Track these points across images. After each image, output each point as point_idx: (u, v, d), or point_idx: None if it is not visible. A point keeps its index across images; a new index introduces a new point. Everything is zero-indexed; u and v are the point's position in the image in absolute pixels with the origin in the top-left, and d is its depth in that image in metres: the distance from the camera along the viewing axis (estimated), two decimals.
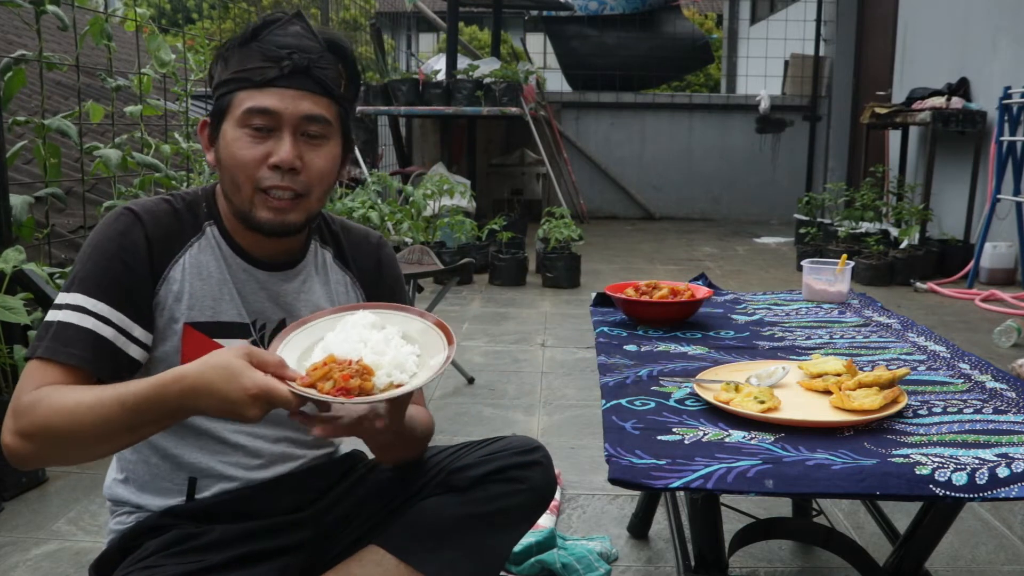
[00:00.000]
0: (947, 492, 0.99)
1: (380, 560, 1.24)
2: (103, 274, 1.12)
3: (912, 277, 5.38)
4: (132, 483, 1.25)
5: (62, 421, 1.01)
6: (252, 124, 1.13)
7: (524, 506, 1.32)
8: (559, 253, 5.27)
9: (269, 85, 1.13)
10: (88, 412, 1.01)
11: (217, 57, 1.19)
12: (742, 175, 9.11)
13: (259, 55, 1.13)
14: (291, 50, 1.13)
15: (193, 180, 3.77)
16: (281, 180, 1.14)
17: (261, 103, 1.13)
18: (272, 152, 1.13)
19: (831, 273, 1.99)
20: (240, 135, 1.14)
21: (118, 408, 1.00)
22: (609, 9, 9.77)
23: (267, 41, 1.14)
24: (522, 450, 1.34)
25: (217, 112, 1.17)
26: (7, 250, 2.35)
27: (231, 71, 1.15)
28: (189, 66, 3.81)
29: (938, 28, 6.64)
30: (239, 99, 1.14)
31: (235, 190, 1.16)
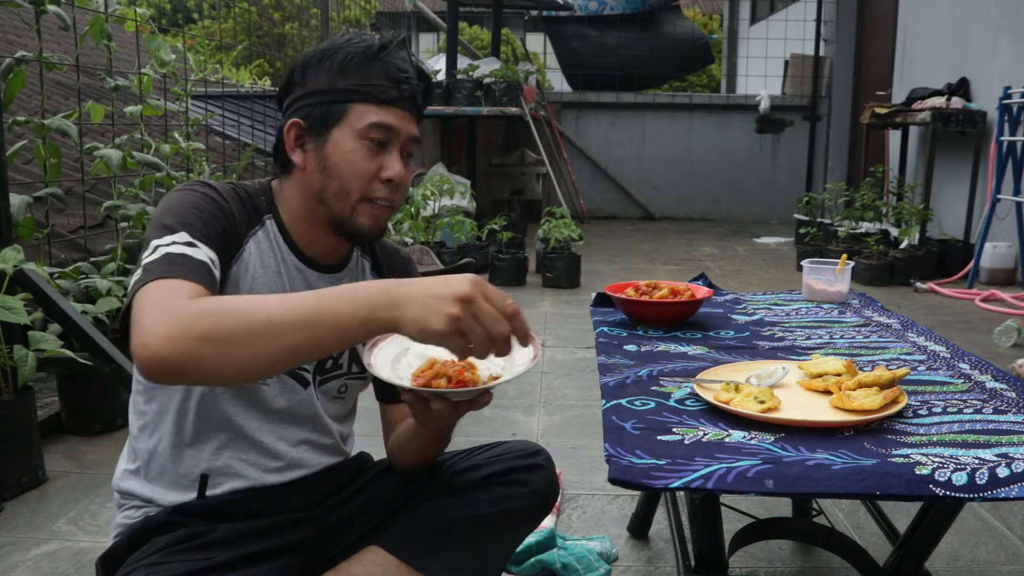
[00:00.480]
0: (947, 492, 0.99)
1: (381, 560, 1.25)
2: (204, 224, 1.13)
3: (912, 277, 5.38)
4: (144, 474, 1.24)
5: (238, 306, 0.96)
6: (371, 137, 1.18)
7: (526, 509, 1.33)
8: (559, 253, 5.27)
9: (390, 104, 1.19)
10: (269, 299, 0.97)
11: (315, 62, 1.21)
12: (742, 175, 9.11)
13: (383, 74, 1.19)
14: (407, 75, 1.22)
15: (193, 180, 3.77)
16: (389, 193, 1.21)
17: (387, 120, 1.19)
18: (384, 166, 1.20)
19: (831, 273, 1.99)
20: (358, 147, 1.18)
21: (312, 297, 0.96)
22: (609, 9, 9.77)
23: (388, 62, 1.20)
24: (524, 453, 1.36)
25: (325, 117, 1.19)
26: (7, 250, 2.35)
27: (351, 82, 1.18)
28: (189, 66, 3.81)
29: (938, 28, 6.65)
30: (359, 111, 1.18)
31: (343, 196, 1.20)
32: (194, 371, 0.94)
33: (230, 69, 9.25)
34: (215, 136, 5.75)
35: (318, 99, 1.19)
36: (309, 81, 1.20)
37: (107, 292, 2.75)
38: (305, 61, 1.22)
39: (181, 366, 0.93)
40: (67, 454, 2.55)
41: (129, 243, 3.16)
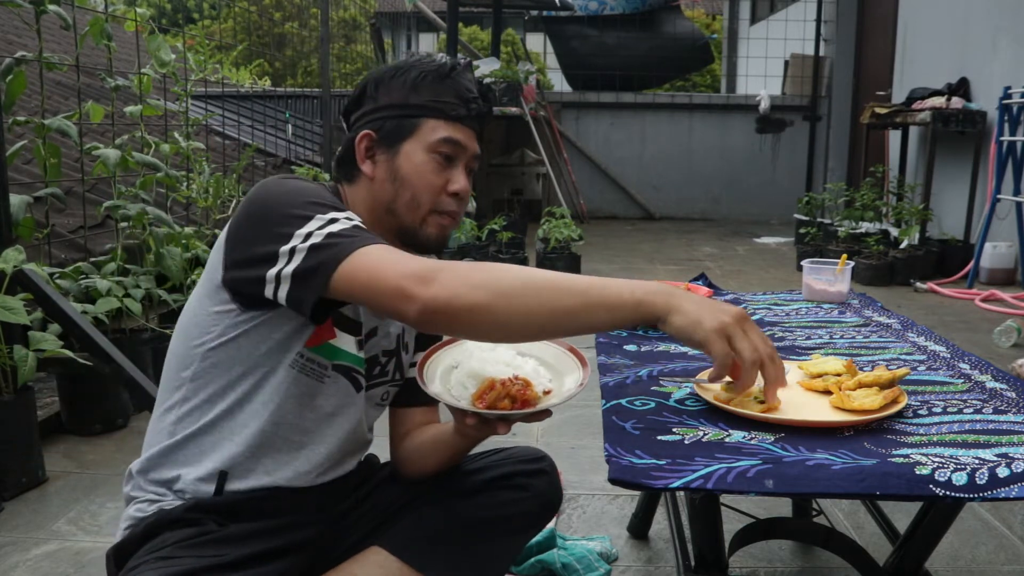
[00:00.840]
0: (947, 492, 0.99)
1: (383, 561, 1.25)
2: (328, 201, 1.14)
3: (912, 277, 5.38)
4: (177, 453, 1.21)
5: (515, 268, 1.03)
6: (441, 152, 1.24)
7: (528, 514, 1.34)
8: (559, 253, 5.27)
9: (458, 121, 1.25)
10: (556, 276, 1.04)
11: (390, 76, 1.26)
12: (742, 175, 9.11)
13: (453, 92, 1.25)
14: (475, 95, 1.28)
15: (193, 180, 3.77)
16: (455, 206, 1.27)
17: (456, 136, 1.25)
18: (451, 180, 1.25)
19: (831, 273, 1.99)
20: (429, 160, 1.24)
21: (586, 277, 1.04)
22: (609, 9, 9.77)
23: (458, 82, 1.26)
24: (528, 458, 1.38)
25: (397, 131, 1.24)
26: (7, 250, 2.35)
27: (424, 98, 1.24)
28: (189, 66, 3.81)
29: (938, 28, 6.65)
30: (431, 126, 1.24)
31: (413, 208, 1.24)
32: (472, 318, 1.01)
33: (230, 69, 9.25)
34: (215, 136, 5.75)
35: (391, 112, 1.24)
36: (382, 96, 1.26)
37: (107, 292, 2.75)
38: (379, 77, 1.27)
39: (465, 310, 1.00)
40: (67, 454, 2.55)
41: (129, 243, 3.16)
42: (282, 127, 7.07)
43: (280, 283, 1.09)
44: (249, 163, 4.87)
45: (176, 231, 3.19)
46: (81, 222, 3.42)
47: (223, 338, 1.18)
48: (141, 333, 2.97)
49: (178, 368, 1.22)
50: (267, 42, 11.52)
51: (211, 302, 1.19)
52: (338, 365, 1.24)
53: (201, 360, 1.19)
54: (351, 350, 1.25)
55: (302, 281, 1.08)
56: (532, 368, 1.16)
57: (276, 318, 1.17)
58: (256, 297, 1.14)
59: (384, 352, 1.32)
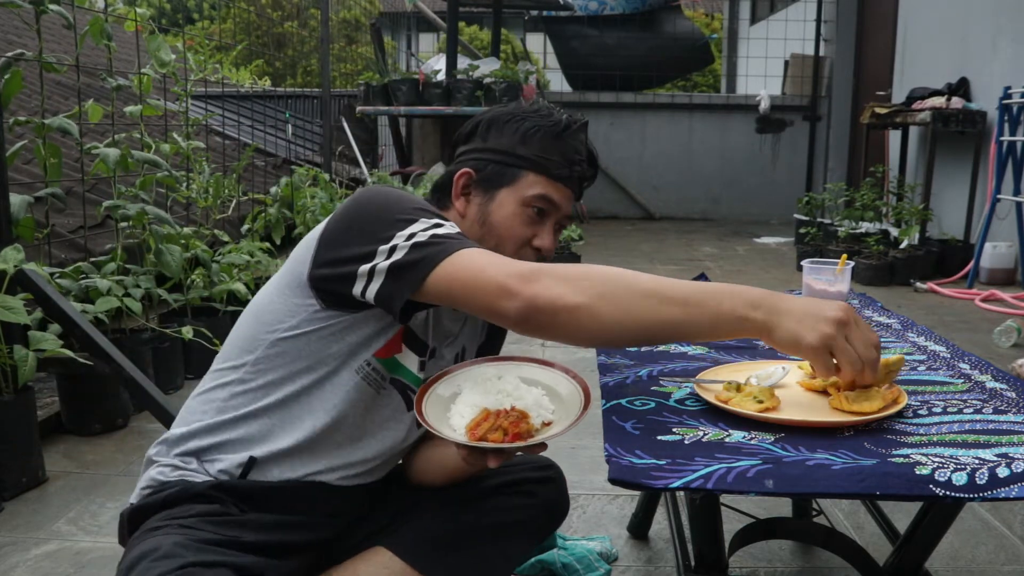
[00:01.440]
0: (947, 492, 0.99)
1: (387, 562, 1.26)
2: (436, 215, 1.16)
3: (912, 277, 5.38)
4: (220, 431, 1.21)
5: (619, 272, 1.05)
6: (535, 206, 1.26)
7: (535, 520, 1.35)
8: (559, 253, 5.27)
9: (560, 181, 1.27)
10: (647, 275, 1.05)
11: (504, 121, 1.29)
12: (742, 175, 9.11)
13: (560, 152, 1.27)
14: (582, 159, 1.30)
15: (193, 179, 3.77)
16: (533, 258, 1.28)
17: (552, 195, 1.27)
18: (537, 235, 1.27)
19: (831, 273, 1.98)
20: (521, 212, 1.26)
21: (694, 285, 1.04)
22: (609, 9, 9.77)
23: (569, 143, 1.28)
24: (536, 466, 1.39)
25: (497, 177, 1.27)
26: (6, 250, 2.35)
27: (531, 151, 1.27)
28: (189, 66, 3.81)
29: (938, 28, 6.65)
30: (531, 180, 1.26)
31: (496, 249, 1.22)
32: (571, 318, 1.02)
33: (230, 69, 9.25)
34: (215, 136, 5.75)
35: (495, 157, 1.27)
36: (492, 138, 1.28)
37: (107, 292, 2.75)
38: (493, 118, 1.30)
39: (566, 310, 1.01)
40: (67, 454, 2.55)
41: (129, 243, 3.16)
42: (282, 127, 7.07)
43: (373, 278, 1.11)
44: (249, 163, 4.87)
45: (176, 231, 3.19)
46: (81, 222, 3.42)
47: (296, 330, 1.19)
48: (141, 333, 2.97)
49: (243, 349, 1.23)
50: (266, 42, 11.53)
51: (292, 293, 1.20)
52: (395, 380, 1.26)
53: (269, 347, 1.20)
54: (412, 368, 1.27)
55: (397, 275, 1.09)
56: (534, 399, 1.13)
57: (355, 322, 1.18)
58: (339, 297, 1.15)
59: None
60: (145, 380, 2.47)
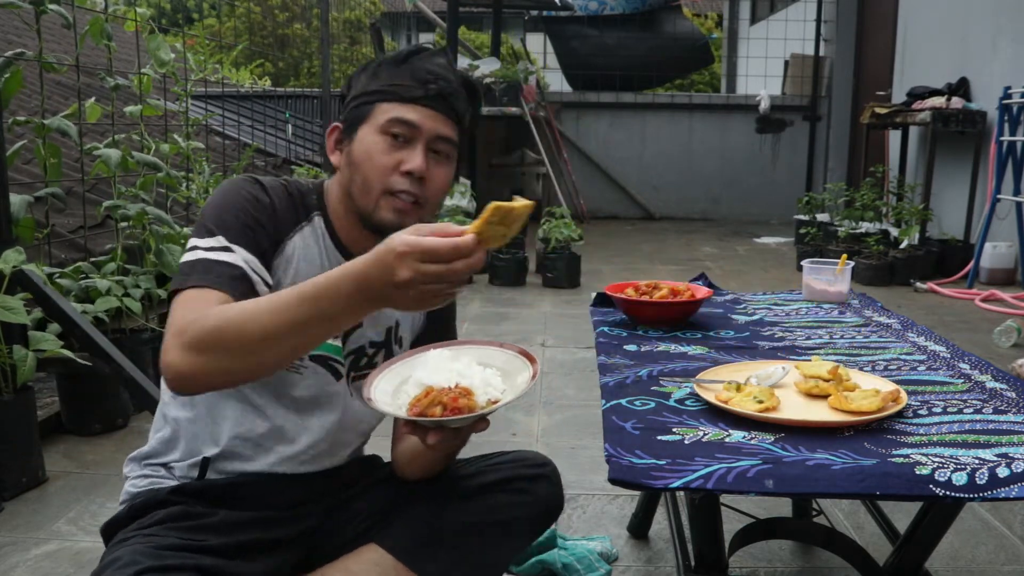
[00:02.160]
0: (947, 492, 0.99)
1: (379, 560, 1.26)
2: (243, 227, 1.19)
3: (912, 277, 5.38)
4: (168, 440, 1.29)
5: (236, 320, 1.02)
6: (392, 132, 1.23)
7: (527, 519, 1.33)
8: (559, 253, 5.27)
9: (414, 103, 1.24)
10: (263, 308, 1.02)
11: (359, 72, 1.30)
12: (742, 175, 9.11)
13: (409, 75, 1.25)
14: (437, 77, 1.25)
15: (193, 180, 3.77)
16: (409, 186, 1.24)
17: (405, 115, 1.23)
18: (405, 160, 1.23)
19: (831, 273, 1.99)
20: (379, 140, 1.23)
21: (295, 299, 1.00)
22: (609, 9, 9.77)
23: (417, 65, 1.25)
24: (530, 463, 1.37)
25: (355, 118, 1.26)
26: (7, 251, 2.35)
27: (379, 84, 1.25)
28: (189, 66, 3.81)
29: (938, 28, 6.65)
30: (383, 109, 1.24)
31: (365, 189, 1.24)
32: (203, 380, 1.04)
33: (230, 69, 9.25)
34: (215, 136, 5.75)
35: (354, 103, 1.27)
36: (352, 90, 1.29)
37: (107, 292, 2.75)
38: (353, 74, 1.31)
39: (191, 375, 1.03)
40: (67, 454, 2.55)
41: (129, 243, 3.16)
42: (282, 127, 7.07)
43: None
44: (249, 163, 4.87)
45: (176, 231, 3.19)
46: (81, 222, 3.42)
47: None
48: (141, 333, 2.97)
49: None
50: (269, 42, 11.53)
51: None
52: (316, 356, 1.27)
53: None
54: (329, 340, 1.27)
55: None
56: (483, 378, 1.13)
57: None
58: None
59: (372, 344, 1.33)
60: (145, 380, 2.47)
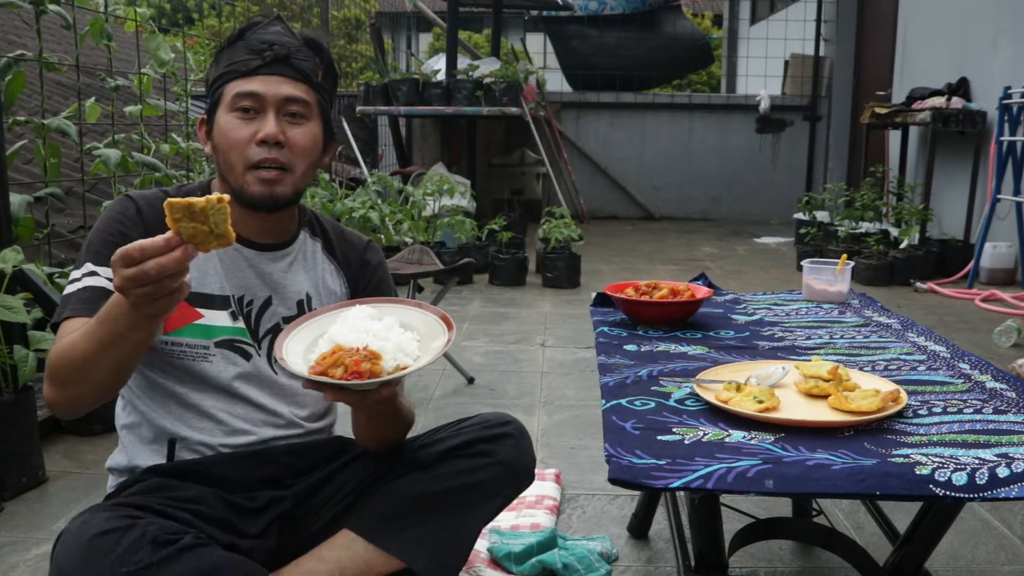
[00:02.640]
0: (947, 492, 0.99)
1: (349, 544, 1.26)
2: (107, 245, 1.23)
3: (912, 277, 5.38)
4: (126, 447, 1.34)
5: (64, 349, 1.11)
6: (240, 107, 1.27)
7: (493, 480, 1.32)
8: (559, 253, 5.27)
9: (254, 74, 1.27)
10: (81, 335, 1.09)
11: (212, 65, 1.34)
12: (742, 175, 9.11)
13: (244, 50, 1.28)
14: (271, 44, 1.28)
15: (193, 179, 3.77)
16: (268, 153, 1.26)
17: (247, 88, 1.26)
18: (259, 131, 1.26)
19: (831, 273, 1.99)
20: (230, 118, 1.27)
21: (95, 322, 1.07)
22: (609, 9, 9.77)
23: (251, 39, 1.29)
24: (491, 424, 1.35)
25: (212, 107, 1.31)
26: (6, 250, 2.35)
27: (222, 67, 1.29)
28: (189, 66, 3.81)
29: (938, 28, 6.64)
30: (228, 88, 1.28)
31: (229, 169, 1.28)
32: (70, 406, 1.14)
33: None
34: None
35: (208, 94, 1.31)
36: (209, 81, 1.33)
37: None
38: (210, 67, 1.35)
39: (56, 404, 1.13)
40: (67, 454, 2.55)
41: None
42: None
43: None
44: None
45: None
46: (81, 222, 3.42)
47: None
48: None
49: None
50: None
51: None
52: (220, 341, 1.30)
53: None
54: (225, 323, 1.30)
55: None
56: (398, 343, 1.12)
57: None
58: None
59: (285, 319, 1.34)
60: None
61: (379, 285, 1.46)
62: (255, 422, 1.32)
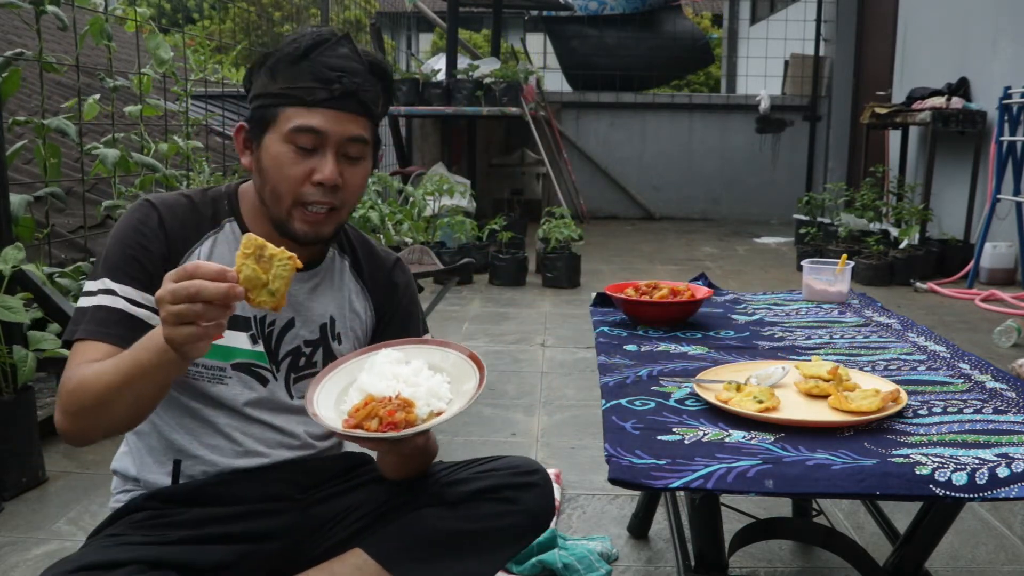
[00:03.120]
0: (947, 492, 0.99)
1: (362, 564, 1.25)
2: (126, 260, 1.19)
3: (912, 277, 5.38)
4: (133, 456, 1.30)
5: (88, 380, 1.08)
6: (298, 142, 1.18)
7: (514, 528, 1.30)
8: (559, 253, 5.27)
9: (318, 105, 1.16)
10: (107, 367, 1.07)
11: (259, 65, 1.21)
12: (742, 175, 9.11)
13: (310, 75, 1.16)
14: (341, 73, 1.17)
15: (193, 179, 3.77)
16: (322, 196, 1.19)
17: (310, 123, 1.16)
18: (316, 169, 1.18)
19: (831, 273, 1.99)
20: (286, 150, 1.18)
21: (128, 355, 1.05)
22: (609, 9, 9.77)
23: (318, 62, 1.17)
24: (520, 471, 1.34)
25: (260, 121, 1.20)
26: (7, 249, 2.35)
27: (280, 86, 1.17)
28: (189, 66, 3.81)
29: (938, 28, 6.65)
30: (286, 115, 1.17)
31: (276, 200, 1.21)
32: (83, 437, 1.12)
33: (230, 69, 9.25)
34: (215, 136, 5.76)
35: (256, 103, 1.21)
36: (254, 85, 1.22)
37: None
38: (252, 65, 1.23)
39: (70, 435, 1.11)
40: (67, 454, 2.55)
41: None
42: None
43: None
44: None
45: None
46: (81, 222, 3.42)
47: None
48: None
49: None
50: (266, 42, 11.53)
51: None
52: (237, 364, 1.26)
53: None
54: (244, 346, 1.26)
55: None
56: (430, 388, 1.11)
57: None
58: None
59: (307, 343, 1.31)
60: None
61: (405, 314, 1.42)
62: (270, 443, 1.29)
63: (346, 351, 1.34)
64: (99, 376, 1.06)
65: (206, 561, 1.18)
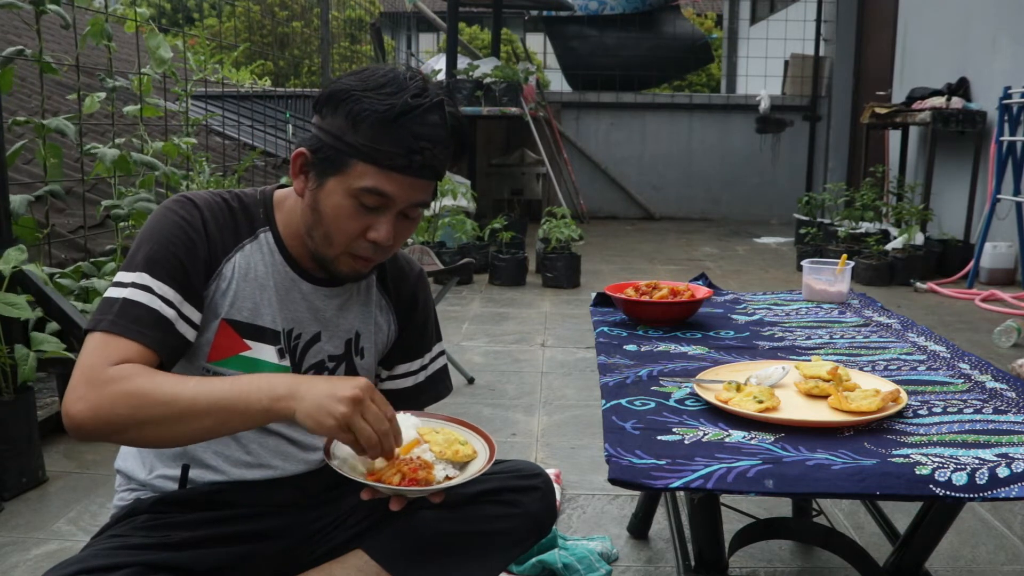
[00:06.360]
0: (947, 492, 0.99)
1: (363, 565, 1.25)
2: (167, 256, 1.16)
3: (912, 277, 5.38)
4: (141, 457, 1.29)
5: (153, 398, 1.04)
6: (364, 200, 1.15)
7: (516, 531, 1.31)
8: (559, 253, 5.27)
9: (394, 171, 1.14)
10: (190, 384, 1.05)
11: (338, 101, 1.14)
12: (742, 175, 9.11)
13: (395, 140, 1.12)
14: (425, 144, 1.13)
15: (193, 179, 3.77)
16: (372, 253, 1.20)
17: (385, 188, 1.14)
18: (372, 227, 1.17)
19: (831, 273, 1.99)
20: (349, 204, 1.15)
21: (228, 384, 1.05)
22: (609, 9, 9.77)
23: (407, 129, 1.12)
24: (522, 474, 1.34)
25: (326, 162, 1.15)
26: (8, 250, 2.35)
27: (360, 139, 1.12)
28: (189, 66, 3.81)
29: (938, 28, 6.65)
30: (359, 170, 1.13)
31: (326, 243, 1.20)
32: (117, 439, 1.08)
33: (230, 69, 9.25)
34: (215, 136, 5.76)
35: (328, 139, 1.15)
36: (327, 116, 1.16)
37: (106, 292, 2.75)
38: (332, 93, 1.16)
39: (105, 434, 1.06)
40: (67, 454, 2.55)
41: (129, 243, 3.16)
42: (282, 127, 7.07)
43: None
44: (251, 165, 4.87)
45: None
46: (81, 222, 3.42)
47: None
48: None
49: None
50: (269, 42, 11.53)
51: None
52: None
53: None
54: (271, 359, 1.25)
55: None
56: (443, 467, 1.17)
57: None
58: None
59: (331, 357, 1.31)
60: None
61: (421, 329, 1.43)
62: (285, 456, 1.29)
63: (367, 365, 1.35)
64: (177, 392, 1.04)
65: (207, 563, 1.18)
